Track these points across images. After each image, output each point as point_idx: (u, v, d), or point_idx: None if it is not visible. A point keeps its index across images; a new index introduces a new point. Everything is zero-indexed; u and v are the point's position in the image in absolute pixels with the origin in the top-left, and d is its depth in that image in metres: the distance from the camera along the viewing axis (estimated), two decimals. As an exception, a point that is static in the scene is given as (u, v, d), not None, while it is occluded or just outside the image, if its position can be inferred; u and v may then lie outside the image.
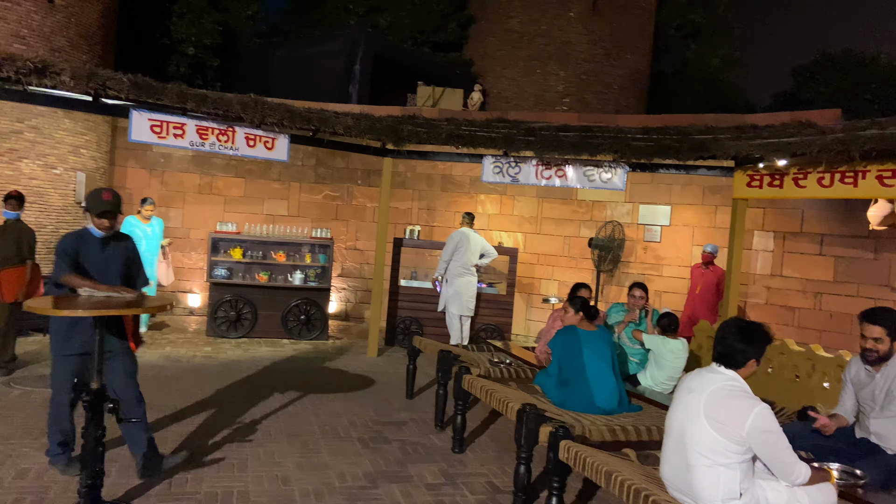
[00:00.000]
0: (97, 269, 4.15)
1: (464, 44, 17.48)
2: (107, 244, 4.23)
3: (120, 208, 4.19)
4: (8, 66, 6.14)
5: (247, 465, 4.56)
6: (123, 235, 4.42)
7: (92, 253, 4.17)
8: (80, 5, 9.34)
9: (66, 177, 9.20)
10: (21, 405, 5.54)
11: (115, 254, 4.26)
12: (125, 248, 4.33)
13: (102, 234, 4.17)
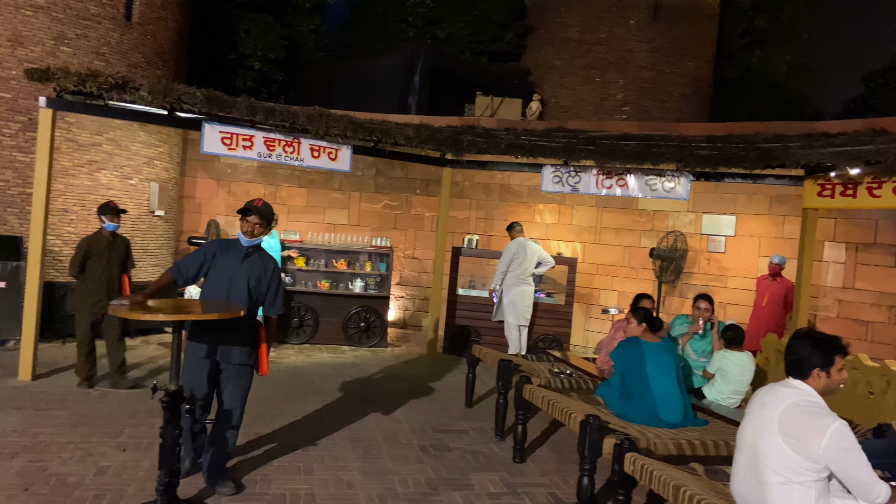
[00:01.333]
0: (227, 276, 4.16)
1: (521, 54, 17.50)
2: (247, 256, 4.22)
3: (267, 216, 4.20)
4: (91, 82, 6.48)
5: (312, 469, 4.66)
6: (266, 255, 4.34)
7: (227, 260, 4.19)
8: (155, 24, 9.78)
9: (140, 187, 9.63)
10: (99, 406, 5.81)
11: (250, 267, 4.21)
12: (263, 267, 4.24)
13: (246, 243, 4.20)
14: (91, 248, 6.31)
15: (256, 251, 4.29)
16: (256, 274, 4.21)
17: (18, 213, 8.31)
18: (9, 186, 8.27)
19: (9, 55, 8.17)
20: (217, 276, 4.19)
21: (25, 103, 8.25)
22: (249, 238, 4.20)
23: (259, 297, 4.25)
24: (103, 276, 6.31)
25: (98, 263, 6.31)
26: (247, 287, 4.18)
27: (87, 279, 6.30)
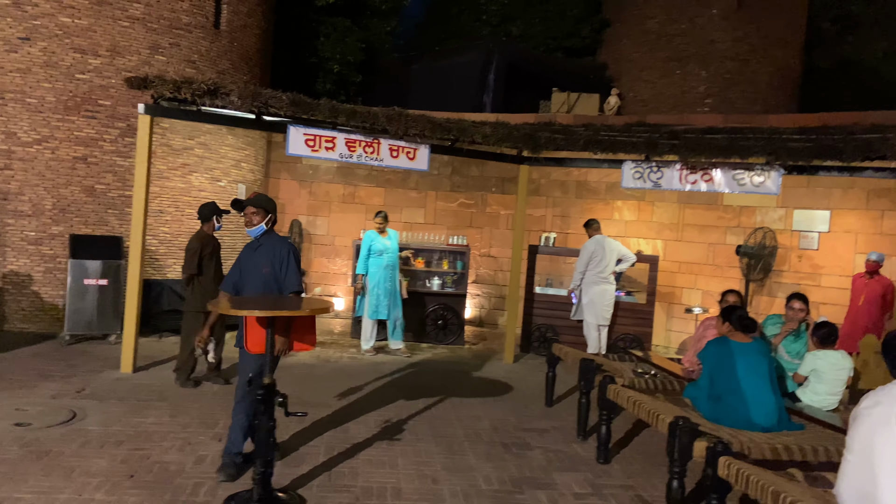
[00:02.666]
0: (246, 269, 4.40)
1: (598, 48, 17.20)
2: (258, 246, 4.44)
3: (260, 205, 4.40)
4: (185, 89, 6.80)
5: (397, 463, 4.74)
6: (277, 239, 4.50)
7: (247, 256, 4.46)
8: (241, 31, 10.17)
9: (228, 188, 10.03)
10: (196, 398, 6.09)
11: (261, 256, 4.40)
12: (273, 252, 4.40)
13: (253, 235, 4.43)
14: (204, 248, 6.47)
15: (267, 240, 4.45)
16: (269, 260, 4.36)
17: (118, 214, 8.81)
18: (109, 189, 8.77)
19: (108, 64, 8.67)
20: (244, 273, 4.45)
21: (124, 110, 8.73)
22: (249, 227, 4.42)
23: (277, 280, 4.40)
24: (216, 275, 6.45)
25: (210, 263, 6.49)
26: (262, 276, 4.36)
27: (202, 278, 6.43)
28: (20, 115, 8.35)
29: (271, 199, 4.56)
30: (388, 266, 8.47)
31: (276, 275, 4.36)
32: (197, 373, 6.57)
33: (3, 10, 8.23)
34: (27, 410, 5.34)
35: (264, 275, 4.33)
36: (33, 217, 8.46)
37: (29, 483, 4.00)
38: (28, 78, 8.33)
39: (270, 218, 4.47)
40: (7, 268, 8.43)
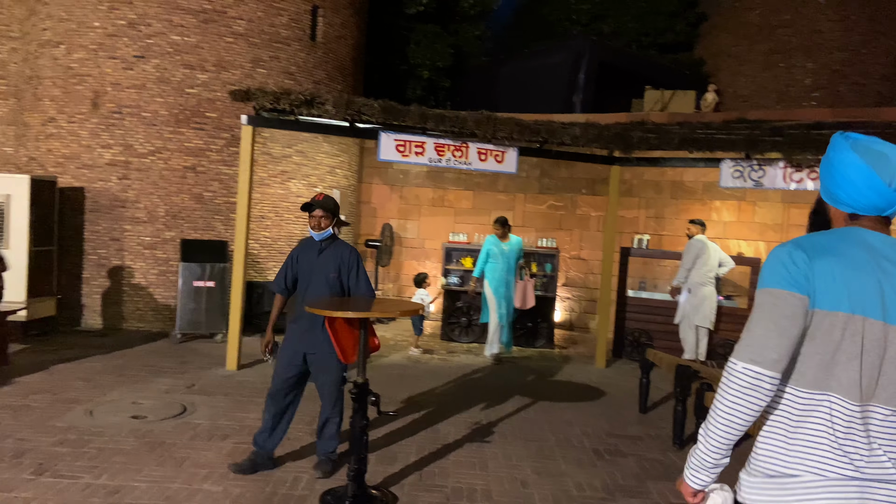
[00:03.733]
0: (307, 272, 4.42)
1: (694, 43, 16.61)
2: (322, 250, 4.42)
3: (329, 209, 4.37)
4: (284, 100, 7.11)
5: (487, 465, 4.77)
6: (342, 244, 4.49)
7: (305, 258, 4.46)
8: (336, 42, 10.52)
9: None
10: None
11: (326, 260, 4.39)
12: (339, 257, 4.39)
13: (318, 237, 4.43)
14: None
15: (332, 243, 4.43)
16: (335, 265, 4.35)
17: (223, 220, 9.31)
18: (216, 196, 9.29)
19: (214, 79, 9.18)
20: (301, 274, 4.46)
21: (228, 121, 9.22)
22: (318, 231, 4.36)
23: (343, 285, 4.39)
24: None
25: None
26: (327, 280, 4.33)
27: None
28: (136, 128, 8.98)
29: (337, 204, 4.55)
30: (503, 271, 8.37)
31: (341, 280, 4.36)
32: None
33: (121, 30, 8.88)
34: (143, 404, 5.74)
35: (331, 280, 4.33)
36: (148, 223, 9.08)
37: (143, 472, 4.30)
38: (143, 93, 8.96)
39: (336, 222, 4.50)
40: (125, 270, 9.08)
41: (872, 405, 1.63)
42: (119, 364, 7.09)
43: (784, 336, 1.64)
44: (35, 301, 8.14)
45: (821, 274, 1.65)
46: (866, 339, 1.63)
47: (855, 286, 1.64)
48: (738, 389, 1.66)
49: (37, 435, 4.82)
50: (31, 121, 9.38)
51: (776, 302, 1.67)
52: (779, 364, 1.64)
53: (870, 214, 1.75)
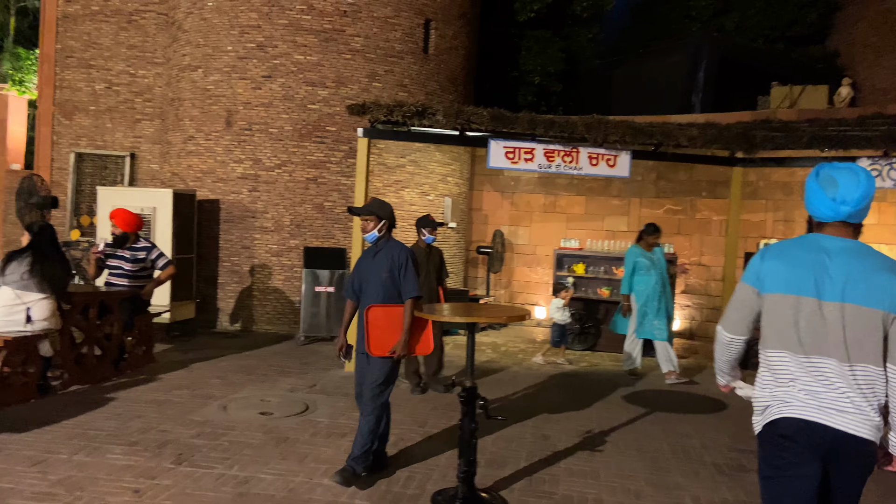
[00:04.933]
0: (365, 275, 4.51)
1: (826, 34, 15.49)
2: (376, 252, 4.50)
3: (372, 212, 4.45)
4: (397, 111, 7.38)
5: (599, 474, 4.70)
6: (395, 244, 4.53)
7: (365, 262, 4.57)
8: (447, 53, 10.76)
9: (436, 202, 10.64)
10: (407, 397, 6.54)
11: (380, 261, 4.46)
12: (392, 258, 4.44)
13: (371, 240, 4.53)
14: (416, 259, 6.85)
15: (386, 245, 4.49)
16: (387, 265, 4.40)
17: (342, 228, 9.75)
18: (335, 206, 9.75)
19: (333, 94, 9.66)
20: (361, 277, 4.53)
21: (346, 134, 9.66)
22: (365, 234, 4.49)
23: (396, 285, 4.41)
24: (425, 285, 6.40)
25: (421, 274, 6.49)
26: (380, 281, 4.39)
27: None
28: (264, 143, 9.61)
29: (385, 205, 4.57)
30: (656, 284, 7.69)
31: (394, 279, 4.42)
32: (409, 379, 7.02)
33: (251, 53, 9.55)
34: (269, 401, 6.13)
35: (383, 279, 4.40)
36: (275, 232, 9.68)
37: (270, 465, 4.60)
38: (270, 111, 9.57)
39: (385, 224, 4.49)
40: (255, 276, 9.72)
41: (817, 357, 2.40)
42: (249, 364, 7.59)
43: (737, 311, 2.63)
44: (177, 305, 8.90)
45: (767, 270, 2.51)
46: (801, 311, 2.42)
47: (791, 276, 2.44)
48: (717, 341, 2.79)
49: (177, 427, 5.27)
50: (173, 139, 10.28)
51: (737, 289, 2.63)
52: (735, 327, 2.65)
53: (828, 221, 2.48)
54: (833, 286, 2.38)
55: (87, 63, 11.22)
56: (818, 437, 2.35)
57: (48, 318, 5.75)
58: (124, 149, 11.19)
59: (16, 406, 5.52)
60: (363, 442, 4.37)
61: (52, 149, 11.40)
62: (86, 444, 4.76)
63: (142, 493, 4.03)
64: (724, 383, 2.96)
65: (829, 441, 2.33)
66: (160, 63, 10.97)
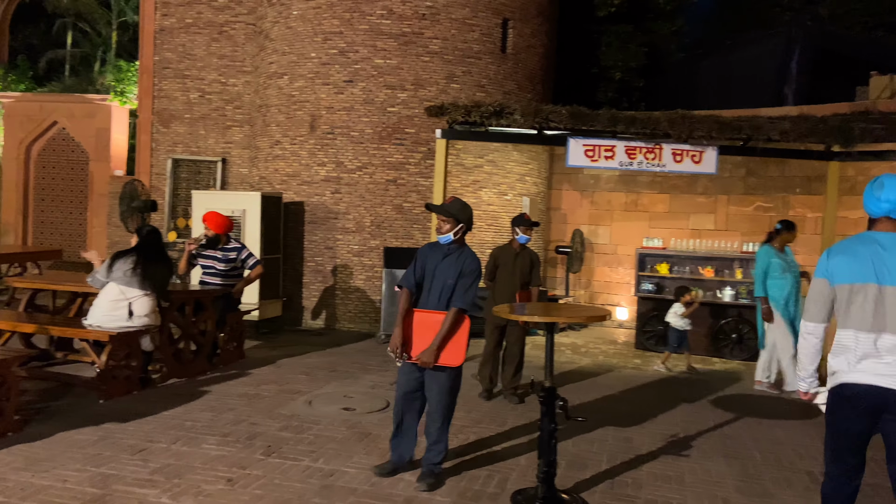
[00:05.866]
0: (431, 274, 4.37)
1: (935, 17, 14.44)
2: (447, 254, 4.37)
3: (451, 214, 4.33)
4: (475, 112, 7.43)
5: (684, 479, 4.57)
6: (467, 252, 4.42)
7: (431, 260, 4.41)
8: (525, 52, 10.71)
9: (514, 201, 10.61)
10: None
11: (448, 265, 4.34)
12: (462, 265, 4.33)
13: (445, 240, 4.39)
14: (499, 258, 6.48)
15: (457, 248, 4.35)
16: (455, 271, 4.26)
17: (421, 228, 9.88)
18: (414, 207, 9.89)
19: (412, 97, 9.80)
20: (427, 275, 4.35)
21: (425, 136, 9.78)
22: (440, 234, 4.35)
23: (454, 291, 4.27)
24: (507, 285, 6.37)
25: (504, 273, 6.43)
26: (444, 284, 4.27)
27: (496, 288, 6.45)
28: (346, 146, 9.87)
29: (466, 208, 4.44)
30: (792, 287, 6.98)
31: (455, 285, 4.28)
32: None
33: (333, 59, 9.82)
34: (352, 398, 6.29)
35: (448, 286, 4.28)
36: (356, 233, 9.92)
37: (353, 459, 4.72)
38: (351, 114, 9.82)
39: (462, 228, 4.36)
40: (338, 276, 10.00)
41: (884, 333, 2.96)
42: (333, 360, 7.82)
43: (815, 303, 3.14)
44: (265, 303, 9.26)
45: (834, 265, 3.09)
46: (867, 296, 2.98)
47: (855, 268, 3.02)
48: (800, 335, 3.26)
49: (266, 420, 5.49)
50: (261, 144, 10.71)
51: (813, 284, 3.18)
52: (814, 316, 3.15)
53: (876, 217, 3.09)
54: (891, 273, 2.94)
55: (182, 73, 11.85)
56: (875, 396, 2.96)
57: (148, 315, 6.11)
58: (216, 154, 11.75)
59: (120, 397, 5.90)
60: (440, 445, 4.35)
61: (150, 155, 12.10)
62: (183, 435, 5.04)
63: (234, 483, 4.23)
64: (805, 388, 3.28)
65: (885, 399, 2.94)
66: (249, 71, 11.44)
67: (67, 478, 4.15)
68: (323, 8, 9.83)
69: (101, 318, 5.98)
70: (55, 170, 13.62)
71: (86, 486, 4.04)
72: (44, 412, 5.40)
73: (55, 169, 13.62)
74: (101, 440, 4.82)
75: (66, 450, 4.61)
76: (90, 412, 5.44)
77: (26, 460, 4.38)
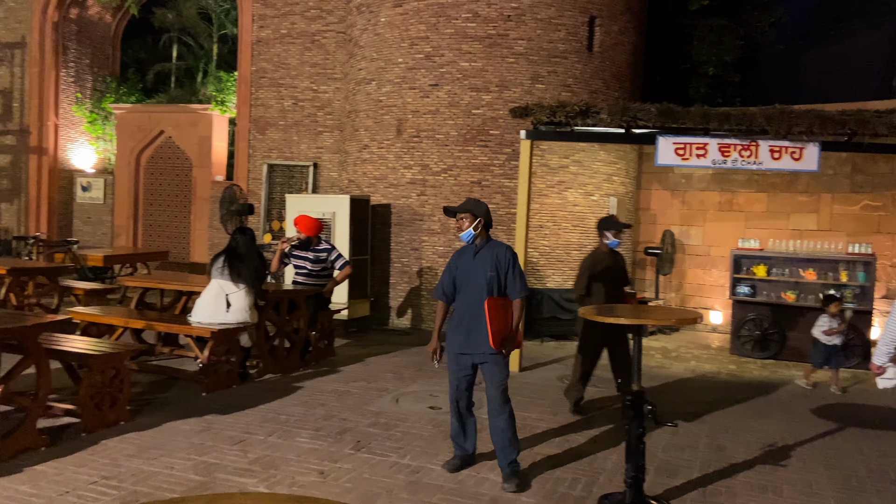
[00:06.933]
0: (466, 276, 4.45)
1: None
2: (477, 252, 4.47)
3: (467, 210, 4.44)
4: (560, 112, 7.36)
5: (781, 490, 4.38)
6: (497, 244, 4.52)
7: (463, 263, 4.52)
8: (613, 49, 10.52)
9: (600, 202, 10.44)
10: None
11: (482, 260, 4.43)
12: (496, 257, 4.41)
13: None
14: (595, 267, 5.96)
15: (486, 245, 4.46)
16: (491, 264, 4.36)
17: (506, 230, 9.88)
18: (498, 208, 9.91)
19: (497, 98, 9.83)
20: (460, 278, 4.47)
21: (509, 137, 9.78)
22: (460, 232, 4.46)
23: (500, 285, 4.38)
24: (605, 295, 5.88)
25: (601, 282, 5.93)
26: (485, 280, 4.35)
27: (593, 300, 5.86)
28: (431, 149, 10.01)
29: (481, 204, 4.55)
30: None
31: (498, 279, 4.38)
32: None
33: (419, 63, 9.99)
34: (437, 397, 6.38)
35: (488, 278, 4.36)
36: (441, 234, 10.04)
37: (439, 457, 4.80)
38: (437, 117, 9.95)
39: (480, 222, 4.46)
40: (423, 277, 10.15)
41: None
42: (418, 360, 7.95)
43: None
44: (354, 302, 9.53)
45: None
46: None
47: None
48: (890, 315, 3.64)
49: (355, 416, 5.66)
50: (350, 148, 11.03)
51: None
52: None
53: None
54: None
55: (276, 82, 12.37)
56: None
57: (245, 310, 6.42)
58: (308, 159, 12.19)
59: (221, 391, 6.24)
60: (511, 438, 4.40)
61: (248, 161, 12.70)
62: (278, 428, 5.27)
63: (326, 475, 4.39)
64: (880, 363, 3.64)
65: None
66: (339, 78, 11.81)
67: (174, 465, 4.43)
68: (410, 14, 10.02)
69: (204, 314, 6.34)
70: (162, 176, 14.52)
71: (190, 474, 4.31)
72: (152, 403, 5.79)
73: (162, 175, 14.51)
74: (204, 430, 5.12)
75: (172, 438, 4.92)
76: (194, 404, 5.78)
77: (137, 448, 4.71)
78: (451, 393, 4.61)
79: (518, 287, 4.42)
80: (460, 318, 4.48)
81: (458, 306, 4.52)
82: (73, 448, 4.61)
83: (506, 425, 4.40)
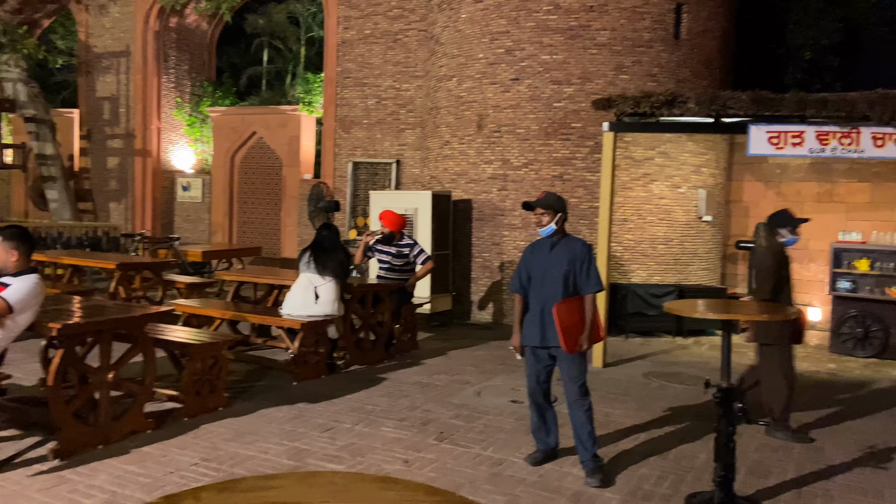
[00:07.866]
0: (542, 270, 4.43)
1: None
2: (553, 246, 4.46)
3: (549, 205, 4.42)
4: (644, 103, 7.20)
5: (882, 494, 4.16)
6: (573, 239, 4.52)
7: (538, 256, 4.50)
8: (701, 36, 10.17)
9: (688, 194, 10.12)
10: (659, 397, 6.37)
11: (558, 255, 4.43)
12: (572, 252, 4.42)
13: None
14: (780, 268, 5.39)
15: (562, 239, 4.46)
16: (567, 258, 4.37)
17: (588, 224, 9.76)
18: (581, 202, 9.80)
19: (579, 91, 9.70)
20: (535, 274, 4.46)
21: (592, 130, 9.64)
22: (540, 228, 4.44)
23: (575, 280, 4.37)
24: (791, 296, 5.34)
25: (787, 284, 5.41)
26: (562, 275, 4.34)
27: (782, 301, 5.23)
28: (512, 143, 10.00)
29: (561, 199, 4.53)
30: None
31: (574, 273, 4.38)
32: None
33: (500, 58, 9.99)
34: (519, 391, 6.37)
35: (564, 273, 4.36)
36: (522, 229, 10.02)
37: (521, 450, 4.82)
38: (517, 112, 9.93)
39: (560, 217, 4.45)
40: (504, 272, 10.17)
41: None
42: (500, 354, 7.98)
43: None
44: (436, 297, 9.67)
45: None
46: None
47: None
48: None
49: (438, 408, 5.77)
50: (431, 145, 11.17)
51: None
52: None
53: None
54: None
55: (360, 82, 12.68)
56: None
57: (332, 302, 6.65)
58: (391, 156, 12.43)
59: (310, 380, 6.49)
60: (591, 431, 4.39)
61: (334, 159, 13.09)
62: (364, 417, 5.44)
63: (410, 464, 4.50)
64: None
65: None
66: (420, 76, 11.97)
67: (268, 450, 4.67)
68: (490, 9, 10.03)
69: (294, 307, 6.62)
70: (254, 175, 15.17)
71: (283, 459, 4.52)
72: (247, 391, 6.09)
73: (254, 174, 15.17)
74: (295, 418, 5.35)
75: (266, 425, 5.17)
76: (285, 392, 6.04)
77: (234, 432, 4.98)
78: (530, 386, 4.65)
79: (592, 282, 4.41)
80: (535, 312, 4.48)
81: (533, 300, 4.51)
82: (176, 431, 4.93)
83: (585, 418, 4.39)
